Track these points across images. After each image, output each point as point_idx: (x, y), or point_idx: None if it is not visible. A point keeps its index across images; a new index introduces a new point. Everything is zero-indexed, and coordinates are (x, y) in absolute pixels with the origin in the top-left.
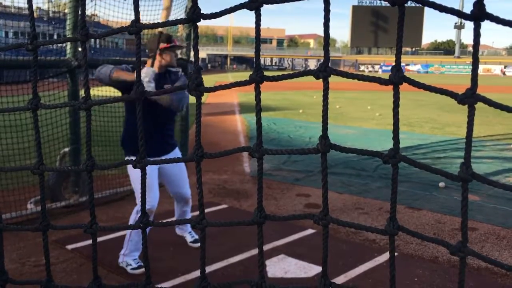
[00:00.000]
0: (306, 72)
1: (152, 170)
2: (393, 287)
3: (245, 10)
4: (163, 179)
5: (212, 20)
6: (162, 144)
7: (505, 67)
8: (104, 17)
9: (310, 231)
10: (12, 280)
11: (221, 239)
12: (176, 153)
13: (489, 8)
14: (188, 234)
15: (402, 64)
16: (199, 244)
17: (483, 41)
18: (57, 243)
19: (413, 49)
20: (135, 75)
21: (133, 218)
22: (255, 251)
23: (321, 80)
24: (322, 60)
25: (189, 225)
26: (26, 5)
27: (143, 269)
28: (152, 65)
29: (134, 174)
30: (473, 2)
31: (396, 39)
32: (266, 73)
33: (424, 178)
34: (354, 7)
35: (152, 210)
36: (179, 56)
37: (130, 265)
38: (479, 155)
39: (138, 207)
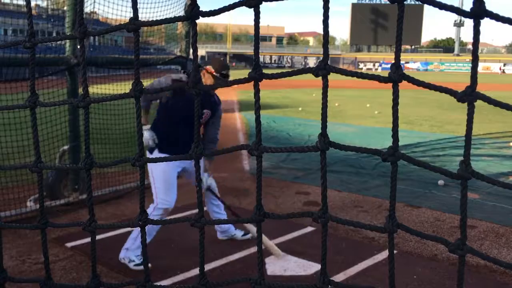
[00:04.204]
0: (305, 70)
1: (173, 171)
2: (392, 285)
3: (244, 7)
4: (190, 179)
5: (211, 17)
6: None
7: (504, 65)
8: (103, 15)
9: (309, 229)
10: (12, 278)
11: None
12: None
13: (489, 5)
14: (236, 232)
15: (402, 62)
16: (248, 236)
17: (482, 38)
18: (56, 241)
19: (413, 47)
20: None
21: (150, 213)
22: (254, 249)
23: (320, 78)
24: (321, 58)
25: (231, 226)
26: (25, 2)
27: None
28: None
29: (155, 171)
30: None
31: (395, 37)
32: (265, 71)
33: (423, 176)
34: (353, 4)
35: (169, 210)
36: (178, 53)
37: (133, 261)
38: (478, 153)
39: (155, 204)
